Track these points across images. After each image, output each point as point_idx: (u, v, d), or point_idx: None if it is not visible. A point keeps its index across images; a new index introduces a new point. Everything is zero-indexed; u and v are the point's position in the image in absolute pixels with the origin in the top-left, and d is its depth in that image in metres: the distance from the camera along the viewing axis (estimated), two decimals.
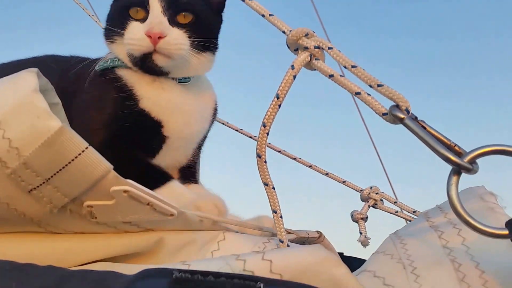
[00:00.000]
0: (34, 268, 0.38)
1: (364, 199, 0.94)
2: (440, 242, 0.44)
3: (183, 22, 0.75)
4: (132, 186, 0.45)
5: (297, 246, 0.50)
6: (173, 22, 0.74)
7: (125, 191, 0.45)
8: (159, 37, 0.71)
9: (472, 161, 0.39)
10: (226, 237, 0.53)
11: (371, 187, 0.94)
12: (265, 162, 0.50)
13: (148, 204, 0.47)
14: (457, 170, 0.38)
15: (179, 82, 0.78)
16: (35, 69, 0.48)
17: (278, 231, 0.50)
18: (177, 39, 0.73)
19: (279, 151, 0.99)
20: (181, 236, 0.52)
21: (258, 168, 0.50)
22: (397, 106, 0.42)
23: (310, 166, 0.98)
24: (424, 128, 0.42)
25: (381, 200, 0.93)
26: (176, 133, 0.77)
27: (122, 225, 0.49)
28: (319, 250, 0.39)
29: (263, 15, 0.52)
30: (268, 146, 0.99)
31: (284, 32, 0.50)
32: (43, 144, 0.41)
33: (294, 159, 0.98)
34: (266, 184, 0.50)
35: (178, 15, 0.75)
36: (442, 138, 0.41)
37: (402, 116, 0.41)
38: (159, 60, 0.73)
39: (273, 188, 0.51)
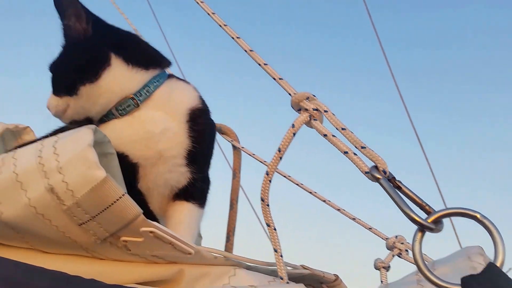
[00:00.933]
0: (79, 279, 0.49)
1: (389, 248, 0.95)
2: None
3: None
4: (157, 228, 0.55)
5: (286, 284, 0.56)
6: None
7: (151, 232, 0.55)
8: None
9: (437, 221, 0.44)
10: (236, 273, 0.61)
11: (396, 236, 0.95)
12: (268, 205, 0.57)
13: (170, 243, 0.56)
14: (421, 228, 0.43)
15: (120, 115, 0.84)
16: (93, 126, 0.60)
17: (279, 268, 0.57)
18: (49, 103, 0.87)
19: (310, 192, 1.04)
20: (199, 269, 0.61)
21: (262, 210, 0.58)
22: (376, 167, 0.48)
23: (338, 210, 1.02)
24: (400, 188, 0.47)
25: (406, 251, 0.94)
26: (142, 158, 0.83)
27: (151, 258, 0.59)
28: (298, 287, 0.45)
29: (274, 78, 0.61)
30: (300, 186, 1.06)
31: (290, 94, 0.58)
32: (91, 190, 0.53)
33: (324, 201, 1.02)
34: (268, 225, 0.58)
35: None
36: (415, 197, 0.47)
37: (379, 176, 0.48)
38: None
39: (275, 229, 0.58)
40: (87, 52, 0.86)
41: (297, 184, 1.02)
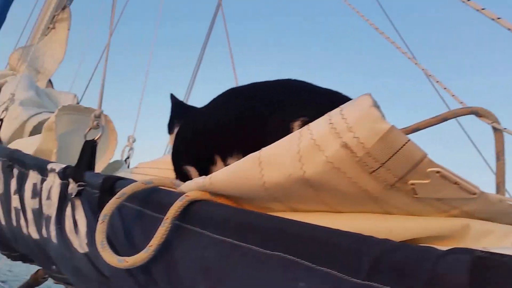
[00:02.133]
0: (373, 238, 0.58)
1: None
2: None
3: None
4: (443, 168, 0.60)
5: None
6: None
7: (437, 172, 0.60)
8: None
9: None
10: None
11: None
12: None
13: (455, 183, 0.60)
14: None
15: None
16: (369, 93, 0.69)
17: None
18: None
19: None
20: (484, 225, 0.62)
21: None
22: None
23: None
24: None
25: None
26: None
27: (435, 202, 0.64)
28: None
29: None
30: None
31: None
32: (379, 139, 0.61)
33: None
34: None
35: None
36: None
37: None
38: None
39: None
40: None
41: None
